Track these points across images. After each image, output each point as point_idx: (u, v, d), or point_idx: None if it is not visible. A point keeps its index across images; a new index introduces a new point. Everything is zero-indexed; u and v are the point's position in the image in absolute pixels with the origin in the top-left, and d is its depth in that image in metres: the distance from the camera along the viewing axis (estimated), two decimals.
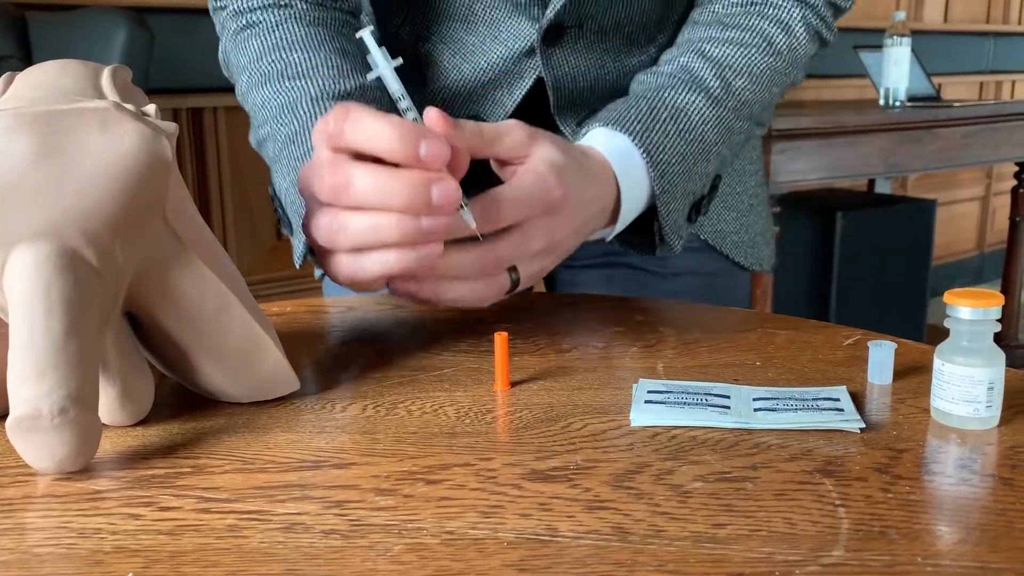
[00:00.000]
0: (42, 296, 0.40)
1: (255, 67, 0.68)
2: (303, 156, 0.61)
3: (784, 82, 0.73)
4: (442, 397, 0.50)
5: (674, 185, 0.65)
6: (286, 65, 0.66)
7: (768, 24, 0.71)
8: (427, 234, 0.49)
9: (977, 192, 4.13)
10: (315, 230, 0.52)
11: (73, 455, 0.40)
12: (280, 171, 0.64)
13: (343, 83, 0.65)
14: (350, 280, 0.53)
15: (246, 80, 0.69)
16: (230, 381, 0.49)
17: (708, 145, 0.67)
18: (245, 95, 0.70)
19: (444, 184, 0.48)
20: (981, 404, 0.44)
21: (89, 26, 1.60)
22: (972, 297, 0.44)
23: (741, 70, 0.69)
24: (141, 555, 0.34)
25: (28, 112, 0.41)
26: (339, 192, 0.49)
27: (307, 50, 0.66)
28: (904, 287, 2.69)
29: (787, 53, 0.72)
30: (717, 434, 0.45)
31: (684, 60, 0.69)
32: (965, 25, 3.93)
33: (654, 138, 0.64)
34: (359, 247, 0.51)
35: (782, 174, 1.98)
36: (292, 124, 0.63)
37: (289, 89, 0.65)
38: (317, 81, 0.65)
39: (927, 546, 0.34)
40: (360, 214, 0.49)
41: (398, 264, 0.50)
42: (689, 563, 0.33)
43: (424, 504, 0.38)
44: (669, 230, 0.66)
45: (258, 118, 0.68)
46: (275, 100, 0.65)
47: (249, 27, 0.70)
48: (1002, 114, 2.44)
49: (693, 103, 0.67)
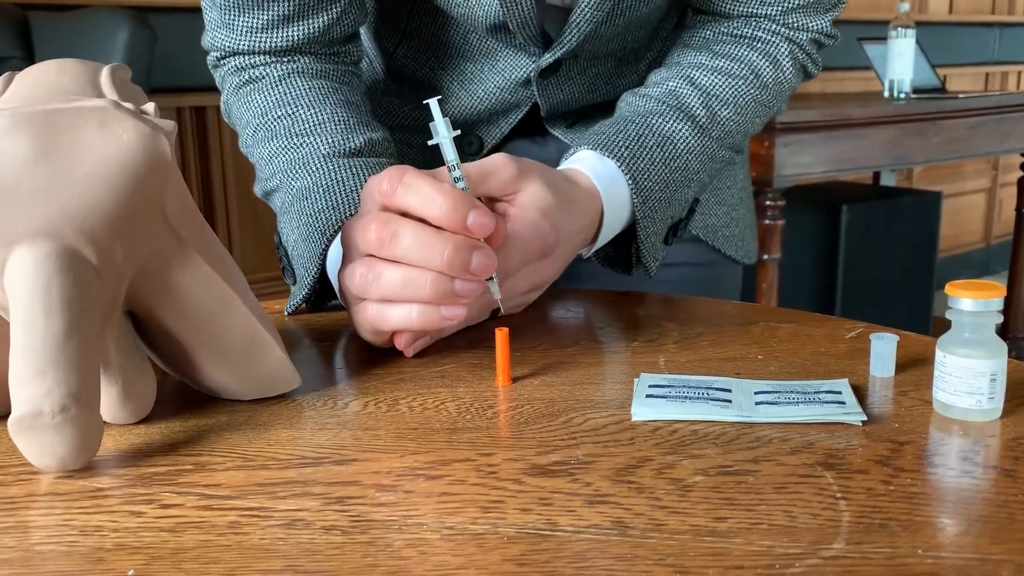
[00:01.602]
0: (42, 295, 0.40)
1: (261, 121, 0.68)
2: (315, 212, 0.62)
3: (767, 114, 0.74)
4: (443, 393, 0.50)
5: (655, 210, 0.66)
6: (293, 121, 0.67)
7: (757, 57, 0.72)
8: (457, 296, 0.50)
9: (983, 184, 4.11)
10: (349, 277, 0.53)
11: (74, 453, 0.40)
12: (289, 224, 0.64)
13: (352, 140, 0.66)
14: (371, 328, 0.54)
15: (251, 134, 0.69)
16: (231, 378, 0.49)
17: (691, 173, 0.68)
18: (251, 148, 0.70)
19: (484, 253, 0.50)
20: (983, 396, 0.44)
21: (91, 26, 1.60)
22: (974, 289, 0.44)
23: (727, 101, 0.70)
24: (143, 552, 0.34)
25: (27, 111, 0.41)
26: (383, 243, 0.50)
27: (313, 106, 0.67)
28: (910, 280, 2.68)
29: (773, 86, 0.73)
30: (718, 428, 0.44)
31: (673, 85, 0.71)
32: (970, 16, 3.91)
33: (640, 165, 0.65)
34: (389, 298, 0.52)
35: (787, 167, 1.98)
36: (305, 179, 0.64)
37: (299, 145, 0.65)
38: (327, 138, 0.65)
39: (928, 538, 0.34)
40: (397, 267, 0.50)
41: (420, 319, 0.51)
42: (689, 556, 0.33)
43: (425, 499, 0.38)
44: (646, 252, 0.67)
45: (266, 171, 0.68)
46: (284, 155, 0.66)
47: (252, 82, 0.70)
48: (1008, 105, 2.43)
49: (680, 132, 0.68)
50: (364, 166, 0.64)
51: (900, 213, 2.65)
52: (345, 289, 0.55)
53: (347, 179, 0.62)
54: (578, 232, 0.61)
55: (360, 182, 0.62)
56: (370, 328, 0.54)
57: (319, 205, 0.62)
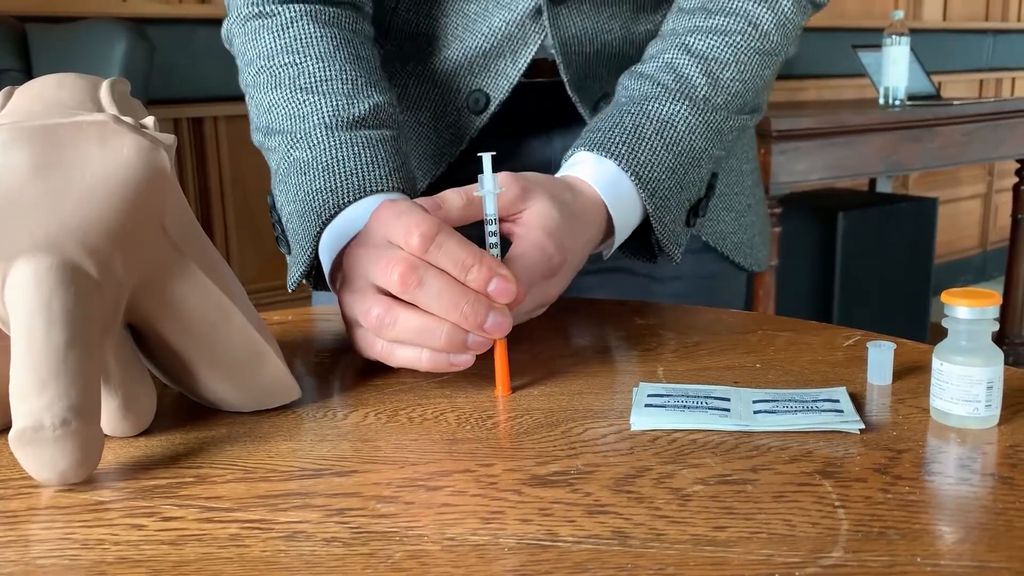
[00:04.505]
0: (43, 309, 0.40)
1: (265, 63, 0.67)
2: (312, 190, 0.61)
3: (775, 62, 0.71)
4: (443, 404, 0.50)
5: (667, 199, 0.65)
6: (300, 72, 0.66)
7: (752, 5, 0.69)
8: (468, 348, 0.51)
9: (979, 190, 4.12)
10: (362, 314, 0.53)
11: (75, 466, 0.40)
12: (285, 193, 0.64)
13: (357, 106, 0.65)
14: (374, 357, 0.54)
15: (253, 75, 0.68)
16: (231, 390, 0.49)
17: (698, 153, 0.67)
18: (250, 89, 0.69)
19: (500, 312, 0.50)
20: (980, 403, 0.44)
21: (89, 38, 1.61)
22: (969, 297, 0.45)
23: (727, 62, 0.68)
24: (144, 565, 0.34)
25: (27, 126, 0.41)
26: (407, 287, 0.50)
27: (323, 59, 0.66)
28: (907, 286, 2.69)
29: (775, 32, 0.70)
30: (717, 437, 0.45)
31: (669, 57, 0.69)
32: (964, 23, 3.93)
33: (641, 158, 0.64)
34: (402, 342, 0.52)
35: (783, 174, 1.98)
36: (304, 152, 0.63)
37: (301, 103, 0.65)
38: (331, 99, 0.64)
39: (926, 546, 0.34)
40: (415, 313, 0.51)
41: (429, 363, 0.51)
42: (689, 566, 0.33)
43: (425, 511, 0.38)
44: (667, 241, 0.66)
45: (263, 120, 0.67)
46: (285, 110, 0.65)
47: (262, 17, 0.68)
48: (1002, 111, 2.44)
49: (678, 113, 0.66)
50: (367, 144, 0.63)
51: (896, 219, 2.66)
52: (349, 314, 0.55)
53: (347, 159, 0.62)
54: (584, 246, 0.61)
55: (360, 163, 0.62)
56: (372, 357, 0.54)
57: (317, 184, 0.61)
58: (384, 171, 0.61)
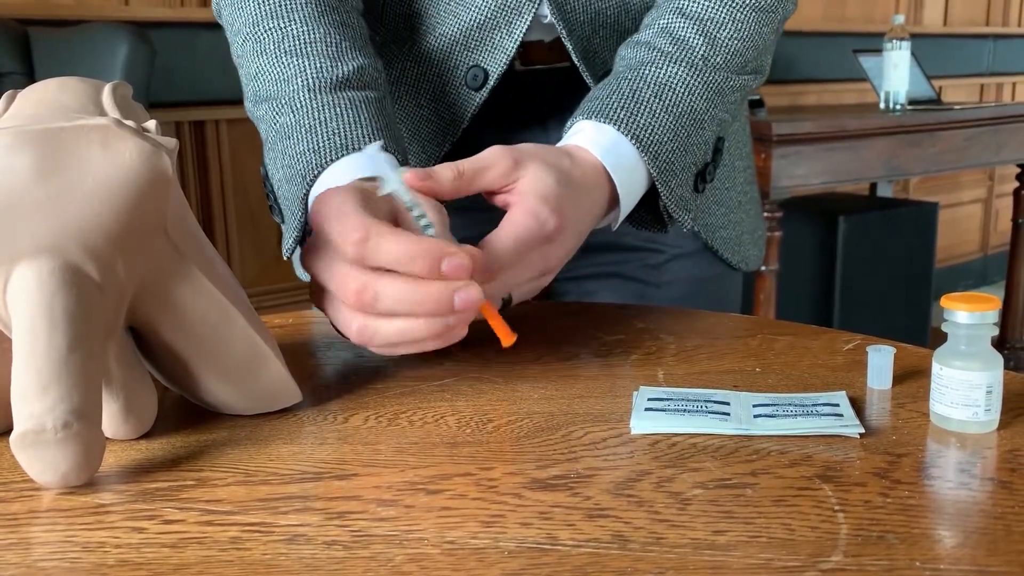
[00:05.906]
0: (45, 311, 0.40)
1: (251, 31, 0.68)
2: (297, 154, 0.62)
3: (773, 19, 0.71)
4: (443, 407, 0.50)
5: (671, 163, 0.64)
6: (284, 36, 0.66)
7: None
8: (453, 328, 0.50)
9: (979, 194, 4.12)
10: (346, 330, 0.53)
11: (77, 469, 0.40)
12: (274, 162, 0.65)
13: (341, 67, 0.65)
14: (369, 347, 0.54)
15: (240, 44, 0.69)
16: (232, 393, 0.49)
17: (699, 114, 0.66)
18: (240, 60, 0.70)
19: (465, 291, 0.49)
20: (980, 408, 0.44)
21: (91, 41, 1.61)
22: (969, 301, 0.45)
23: (724, 21, 0.68)
24: (145, 568, 0.34)
25: (29, 130, 0.41)
26: (367, 305, 0.50)
27: (307, 22, 0.66)
28: (907, 290, 2.69)
29: None
30: (717, 441, 0.45)
31: (664, 22, 0.68)
32: (965, 27, 3.93)
33: (640, 121, 0.63)
34: (392, 343, 0.52)
35: (784, 179, 1.98)
36: (288, 116, 0.64)
37: (285, 66, 0.65)
38: (315, 61, 0.65)
39: (926, 550, 0.34)
40: (390, 320, 0.51)
41: (431, 347, 0.52)
42: (688, 570, 0.33)
43: (425, 514, 0.38)
44: (675, 206, 0.65)
45: (251, 88, 0.68)
46: (270, 73, 0.66)
47: None
48: (1003, 116, 2.44)
49: (676, 75, 0.66)
50: (349, 104, 0.63)
51: (897, 224, 2.66)
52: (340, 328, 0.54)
53: (330, 120, 0.62)
54: (587, 212, 0.60)
55: (343, 124, 0.62)
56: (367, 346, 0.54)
57: (301, 147, 0.62)
58: (367, 130, 0.61)
